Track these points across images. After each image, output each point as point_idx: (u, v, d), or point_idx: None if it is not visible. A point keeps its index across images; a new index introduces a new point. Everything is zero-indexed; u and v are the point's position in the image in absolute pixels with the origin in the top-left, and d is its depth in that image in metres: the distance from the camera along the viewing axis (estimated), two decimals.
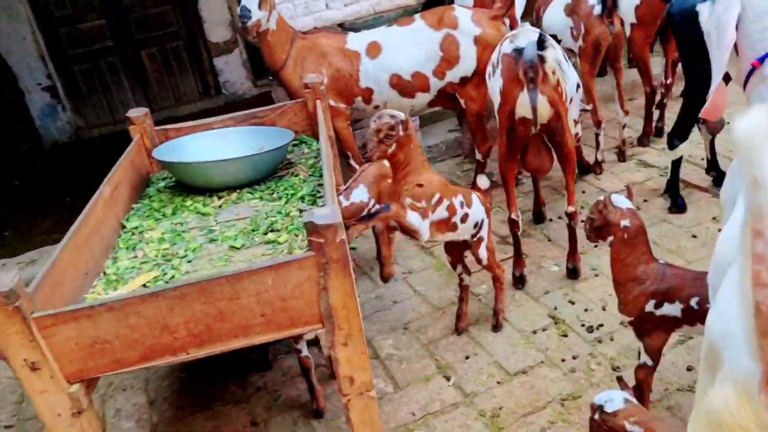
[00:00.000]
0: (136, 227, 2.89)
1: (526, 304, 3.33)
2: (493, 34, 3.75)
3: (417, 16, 3.88)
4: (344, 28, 4.25)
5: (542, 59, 2.79)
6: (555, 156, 3.22)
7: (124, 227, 2.90)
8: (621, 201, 2.33)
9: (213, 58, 7.51)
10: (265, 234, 2.68)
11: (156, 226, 2.91)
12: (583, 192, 4.27)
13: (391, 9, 4.25)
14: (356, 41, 3.85)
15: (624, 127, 4.54)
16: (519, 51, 2.86)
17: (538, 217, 4.05)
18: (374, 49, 3.81)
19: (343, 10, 4.11)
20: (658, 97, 4.71)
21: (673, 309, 2.29)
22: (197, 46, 7.51)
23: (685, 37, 3.38)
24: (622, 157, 4.60)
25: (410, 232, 2.86)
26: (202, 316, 2.01)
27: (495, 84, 3.07)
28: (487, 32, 3.74)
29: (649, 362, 2.40)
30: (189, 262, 2.58)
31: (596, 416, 1.96)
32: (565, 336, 3.05)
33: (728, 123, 4.42)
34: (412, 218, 2.81)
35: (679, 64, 4.77)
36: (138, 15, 7.17)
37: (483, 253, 3.09)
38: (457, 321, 3.25)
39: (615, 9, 4.03)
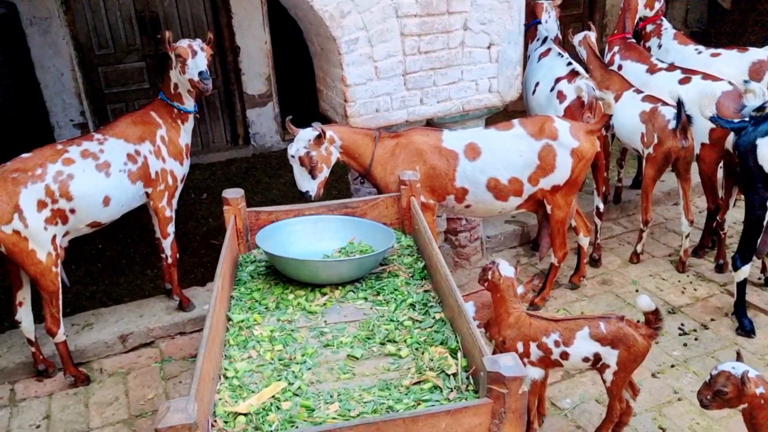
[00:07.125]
0: (243, 321, 2.85)
1: None
2: (588, 147, 3.88)
3: (516, 122, 3.95)
4: (432, 123, 4.31)
5: None
6: None
7: (230, 320, 2.86)
8: (750, 371, 2.42)
9: (246, 109, 7.53)
10: (383, 344, 2.67)
11: (262, 321, 2.87)
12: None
13: (478, 108, 4.34)
14: (453, 141, 3.89)
15: (687, 237, 4.67)
16: None
17: None
18: (473, 151, 3.85)
19: (435, 106, 4.17)
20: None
21: None
22: (232, 96, 7.52)
23: (745, 167, 3.60)
24: (681, 267, 4.72)
25: None
26: None
27: None
28: (584, 146, 3.86)
29: None
30: (309, 369, 2.55)
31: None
32: None
33: None
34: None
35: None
36: None
37: (609, 375, 2.97)
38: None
39: (689, 125, 4.24)
